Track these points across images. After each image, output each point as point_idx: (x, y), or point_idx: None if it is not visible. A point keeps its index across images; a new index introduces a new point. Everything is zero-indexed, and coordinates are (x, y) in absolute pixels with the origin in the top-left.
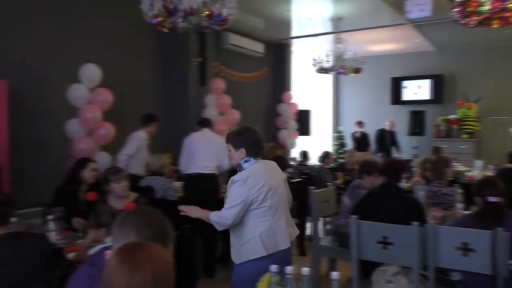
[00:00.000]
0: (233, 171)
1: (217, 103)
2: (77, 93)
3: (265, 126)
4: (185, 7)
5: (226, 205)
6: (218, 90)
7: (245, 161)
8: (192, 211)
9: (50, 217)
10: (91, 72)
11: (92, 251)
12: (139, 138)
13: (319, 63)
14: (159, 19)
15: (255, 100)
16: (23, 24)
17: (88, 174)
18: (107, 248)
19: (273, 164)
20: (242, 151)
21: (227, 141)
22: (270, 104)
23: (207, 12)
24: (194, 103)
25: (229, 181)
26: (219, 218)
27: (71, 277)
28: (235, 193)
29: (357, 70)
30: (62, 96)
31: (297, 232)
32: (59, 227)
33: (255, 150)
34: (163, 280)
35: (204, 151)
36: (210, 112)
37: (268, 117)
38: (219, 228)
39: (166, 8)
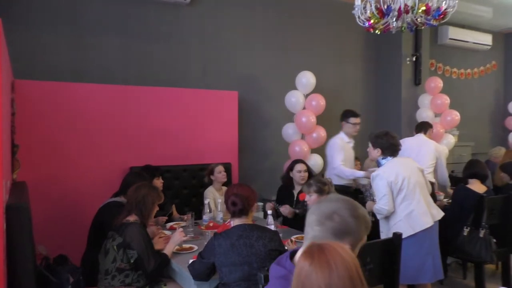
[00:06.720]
0: None
1: (433, 104)
2: (293, 99)
3: (491, 127)
4: (399, 5)
5: (377, 198)
6: (434, 89)
7: (382, 158)
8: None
9: (269, 212)
10: (306, 79)
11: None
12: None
13: None
14: (371, 21)
15: (479, 98)
16: (246, 40)
17: (296, 175)
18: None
19: (408, 159)
20: (379, 150)
21: (369, 139)
22: (499, 103)
23: (423, 8)
24: (407, 104)
25: (371, 177)
26: (376, 210)
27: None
28: (379, 186)
29: None
30: (280, 102)
31: (441, 213)
32: (277, 222)
33: (391, 152)
34: (358, 278)
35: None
36: (425, 113)
37: (495, 117)
38: (380, 217)
39: (379, 10)
